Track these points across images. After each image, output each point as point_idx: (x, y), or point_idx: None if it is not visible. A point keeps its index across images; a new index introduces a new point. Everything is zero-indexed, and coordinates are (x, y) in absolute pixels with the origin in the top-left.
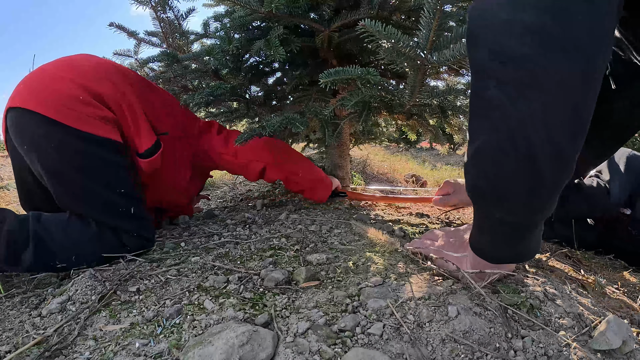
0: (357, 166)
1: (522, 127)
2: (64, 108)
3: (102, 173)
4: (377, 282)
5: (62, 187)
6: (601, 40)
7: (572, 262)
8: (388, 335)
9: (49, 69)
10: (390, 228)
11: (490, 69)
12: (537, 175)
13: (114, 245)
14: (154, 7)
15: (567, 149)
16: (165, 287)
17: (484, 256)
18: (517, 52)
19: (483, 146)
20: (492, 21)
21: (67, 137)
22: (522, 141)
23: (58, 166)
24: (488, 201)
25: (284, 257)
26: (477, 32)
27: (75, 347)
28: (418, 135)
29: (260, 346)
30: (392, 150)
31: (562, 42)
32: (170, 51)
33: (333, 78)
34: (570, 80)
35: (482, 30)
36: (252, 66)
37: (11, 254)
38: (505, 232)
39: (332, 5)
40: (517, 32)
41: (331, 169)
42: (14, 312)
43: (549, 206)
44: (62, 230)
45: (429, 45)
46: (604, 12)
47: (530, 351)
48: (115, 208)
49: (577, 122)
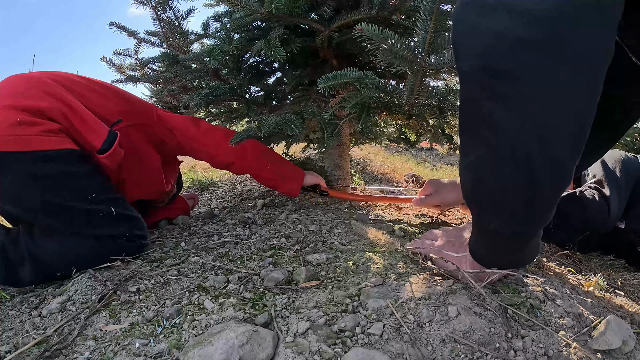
0: (357, 166)
1: (521, 143)
2: (7, 137)
3: (73, 188)
4: (377, 282)
5: (43, 216)
6: (605, 50)
7: (572, 262)
8: (388, 335)
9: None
10: (390, 228)
11: (483, 82)
12: (537, 189)
13: (114, 251)
14: (154, 7)
15: (568, 162)
16: (165, 287)
17: (483, 262)
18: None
19: (477, 161)
20: (480, 31)
21: (23, 165)
22: (522, 157)
23: (28, 199)
24: (487, 211)
25: (284, 257)
26: (460, 41)
27: (75, 347)
28: (418, 135)
29: (260, 346)
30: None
31: (566, 56)
32: (170, 52)
33: (331, 83)
34: (574, 94)
35: (466, 40)
36: (252, 66)
37: (9, 273)
38: (503, 241)
39: (332, 5)
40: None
41: (331, 169)
42: (14, 312)
43: (547, 216)
44: (59, 243)
45: (426, 47)
46: (615, 20)
47: (530, 351)
48: (101, 217)
49: (578, 134)
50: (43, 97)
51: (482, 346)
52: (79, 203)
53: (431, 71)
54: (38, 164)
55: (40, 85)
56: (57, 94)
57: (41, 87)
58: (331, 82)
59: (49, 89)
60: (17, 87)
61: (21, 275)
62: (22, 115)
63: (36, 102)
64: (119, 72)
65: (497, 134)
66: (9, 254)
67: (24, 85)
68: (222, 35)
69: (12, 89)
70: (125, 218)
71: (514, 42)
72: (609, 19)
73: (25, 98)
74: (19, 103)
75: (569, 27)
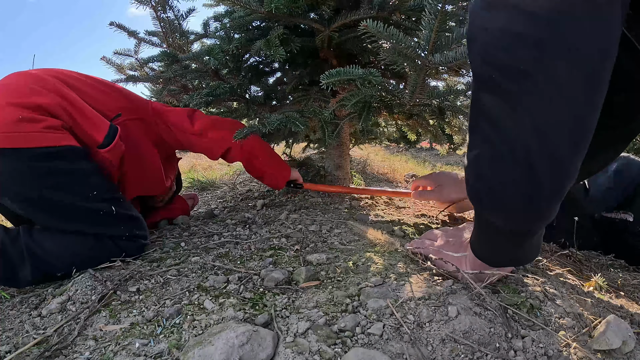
0: (357, 166)
1: (520, 138)
2: (8, 134)
3: (73, 186)
4: (377, 282)
5: (42, 213)
6: (606, 46)
7: (572, 262)
8: (388, 335)
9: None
10: (390, 228)
11: (486, 76)
12: (535, 185)
13: (114, 252)
14: (154, 7)
15: (567, 158)
16: (165, 287)
17: (484, 259)
18: (512, 60)
19: (482, 154)
20: (487, 26)
21: (23, 162)
22: (521, 152)
23: (29, 196)
24: (486, 207)
25: (284, 257)
26: (473, 36)
27: (75, 347)
28: (418, 135)
29: (260, 346)
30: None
31: (563, 51)
32: (170, 51)
33: (334, 79)
34: (570, 89)
35: (475, 35)
36: (252, 66)
37: (8, 272)
38: (504, 238)
39: (332, 5)
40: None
41: (331, 169)
42: (14, 312)
43: (549, 214)
44: (58, 243)
45: (430, 46)
46: (609, 15)
47: (530, 351)
48: (102, 216)
49: (578, 131)
50: (44, 93)
51: (482, 346)
52: (79, 201)
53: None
54: (39, 161)
55: (41, 82)
56: (57, 90)
57: (42, 83)
58: (334, 79)
59: (50, 85)
60: (18, 85)
61: (21, 275)
62: (24, 112)
63: (37, 99)
64: (119, 72)
65: (497, 128)
66: (9, 253)
67: (24, 82)
68: (222, 35)
69: (12, 87)
70: (126, 218)
71: (514, 38)
72: (607, 14)
73: (26, 95)
74: (20, 100)
75: (566, 23)
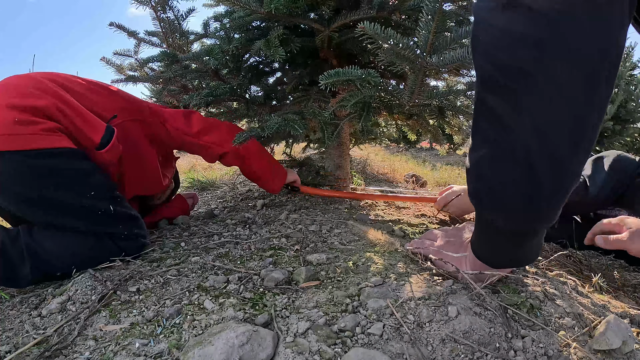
0: (357, 166)
1: (521, 138)
2: (6, 136)
3: (71, 186)
4: (377, 282)
5: (42, 213)
6: (606, 46)
7: (572, 262)
8: (388, 335)
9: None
10: (390, 228)
11: (487, 76)
12: (535, 185)
13: (113, 251)
14: (154, 7)
15: (567, 158)
16: (165, 287)
17: (484, 260)
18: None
19: (482, 154)
20: (488, 26)
21: (21, 164)
22: (521, 152)
23: (27, 197)
24: (487, 207)
25: (284, 257)
26: (476, 35)
27: (75, 347)
28: (418, 135)
29: (260, 346)
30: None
31: (563, 51)
32: (170, 51)
33: (333, 79)
34: (570, 89)
35: (481, 34)
36: (252, 66)
37: (8, 272)
38: (505, 238)
39: (332, 5)
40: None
41: (331, 169)
42: (14, 312)
43: (550, 215)
44: (58, 243)
45: (428, 46)
46: (609, 15)
47: (530, 351)
48: (101, 215)
49: (578, 131)
50: (41, 95)
51: (482, 346)
52: (78, 201)
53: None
54: (36, 162)
55: (38, 84)
56: (54, 92)
57: (38, 86)
58: (333, 79)
59: (46, 87)
60: (15, 87)
61: (21, 275)
62: (20, 115)
63: (34, 101)
64: (119, 72)
65: (498, 128)
66: (9, 253)
67: (21, 84)
68: (221, 35)
69: (9, 89)
70: (125, 217)
71: (514, 38)
72: (607, 14)
73: (22, 97)
74: (17, 102)
75: (566, 23)
